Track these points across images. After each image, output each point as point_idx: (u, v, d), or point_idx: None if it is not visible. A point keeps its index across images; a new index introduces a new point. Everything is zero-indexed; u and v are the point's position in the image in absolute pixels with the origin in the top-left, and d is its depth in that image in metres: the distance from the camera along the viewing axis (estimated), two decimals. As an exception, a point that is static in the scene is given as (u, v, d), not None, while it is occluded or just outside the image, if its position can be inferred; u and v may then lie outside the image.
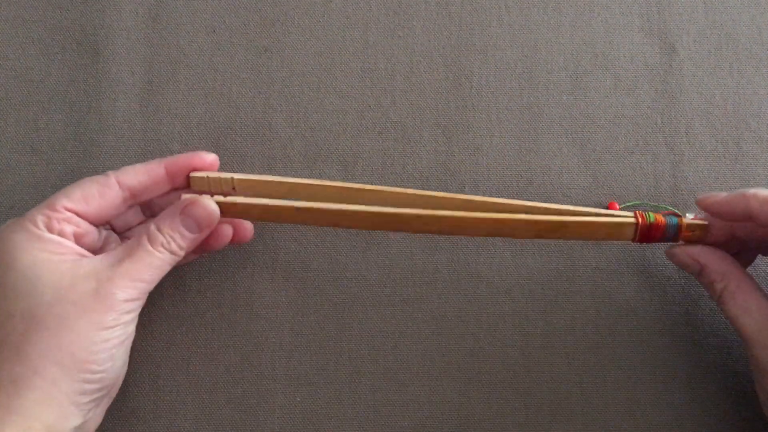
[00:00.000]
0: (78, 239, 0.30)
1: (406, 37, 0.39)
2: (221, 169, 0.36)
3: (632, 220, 0.32)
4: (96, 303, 0.28)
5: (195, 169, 0.33)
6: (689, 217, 0.33)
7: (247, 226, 0.35)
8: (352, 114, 0.38)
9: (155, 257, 0.30)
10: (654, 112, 0.38)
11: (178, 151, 0.38)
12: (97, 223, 0.32)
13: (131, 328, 0.30)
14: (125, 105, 0.38)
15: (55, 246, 0.29)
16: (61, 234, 0.29)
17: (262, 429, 0.35)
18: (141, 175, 0.32)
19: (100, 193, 0.31)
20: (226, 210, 0.32)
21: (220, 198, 0.32)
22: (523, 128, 0.38)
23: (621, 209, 0.36)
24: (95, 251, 0.31)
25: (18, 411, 0.26)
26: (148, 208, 0.35)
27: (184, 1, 0.39)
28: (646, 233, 0.32)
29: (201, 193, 0.33)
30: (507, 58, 0.39)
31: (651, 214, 0.32)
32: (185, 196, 0.32)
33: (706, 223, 0.33)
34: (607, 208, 0.36)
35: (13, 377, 0.26)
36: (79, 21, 0.39)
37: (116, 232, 0.34)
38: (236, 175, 0.33)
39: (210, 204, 0.31)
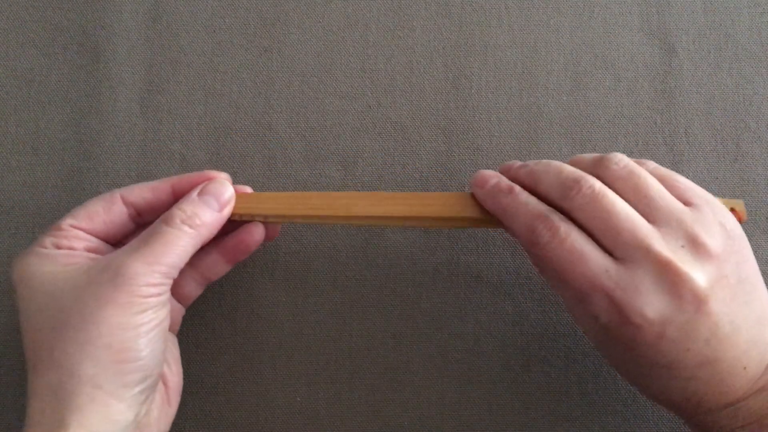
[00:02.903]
0: (91, 252, 0.30)
1: (406, 37, 0.39)
2: (221, 169, 0.36)
3: None
4: (116, 292, 0.27)
5: (218, 177, 0.32)
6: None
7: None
8: (352, 114, 0.38)
9: (172, 235, 0.29)
10: (653, 112, 0.38)
11: (179, 152, 0.38)
12: (108, 240, 0.31)
13: (164, 312, 0.28)
14: (125, 105, 0.38)
15: (66, 258, 0.28)
16: (71, 249, 0.29)
17: (262, 429, 0.35)
18: (146, 192, 0.31)
19: (105, 210, 0.30)
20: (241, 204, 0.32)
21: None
22: (523, 128, 0.38)
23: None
24: None
25: (63, 423, 0.25)
26: None
27: (184, 1, 0.39)
28: None
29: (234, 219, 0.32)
30: (507, 58, 0.39)
31: None
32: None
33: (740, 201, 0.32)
34: None
35: (52, 388, 0.26)
36: (80, 21, 0.39)
37: None
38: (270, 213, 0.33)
39: (225, 179, 0.32)
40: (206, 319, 0.36)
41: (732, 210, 0.32)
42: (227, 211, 0.31)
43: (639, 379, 0.28)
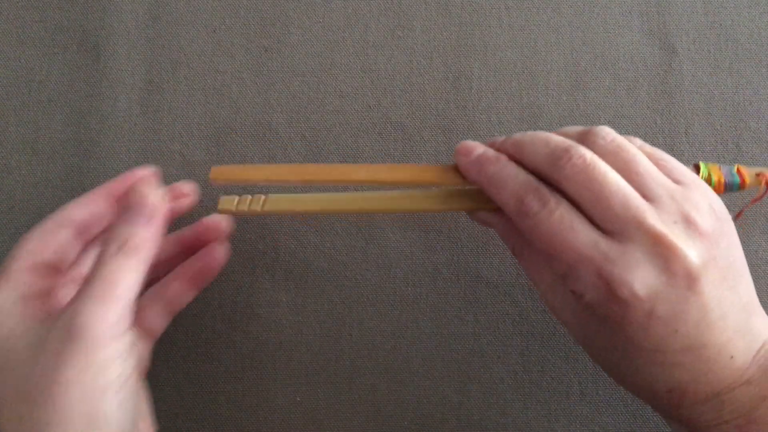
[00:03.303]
0: (44, 291, 0.28)
1: (406, 37, 0.39)
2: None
3: None
4: (73, 345, 0.24)
5: (134, 186, 0.29)
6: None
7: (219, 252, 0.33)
8: (352, 114, 0.38)
9: (112, 266, 0.26)
10: (653, 112, 0.38)
11: (179, 152, 0.38)
12: (61, 267, 0.29)
13: (130, 365, 0.26)
14: (125, 105, 0.38)
15: (19, 308, 0.27)
16: (23, 297, 0.27)
17: (262, 429, 0.35)
18: (83, 207, 0.30)
19: (52, 234, 0.29)
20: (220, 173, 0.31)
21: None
22: (523, 128, 0.38)
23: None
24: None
25: None
26: None
27: (184, 1, 0.39)
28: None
29: (227, 211, 0.32)
30: (507, 58, 0.39)
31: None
32: None
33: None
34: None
35: None
36: (80, 21, 0.39)
37: None
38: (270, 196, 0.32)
39: (140, 185, 0.28)
40: (205, 319, 0.36)
41: (758, 174, 0.32)
42: (159, 216, 0.28)
43: (621, 367, 0.27)
